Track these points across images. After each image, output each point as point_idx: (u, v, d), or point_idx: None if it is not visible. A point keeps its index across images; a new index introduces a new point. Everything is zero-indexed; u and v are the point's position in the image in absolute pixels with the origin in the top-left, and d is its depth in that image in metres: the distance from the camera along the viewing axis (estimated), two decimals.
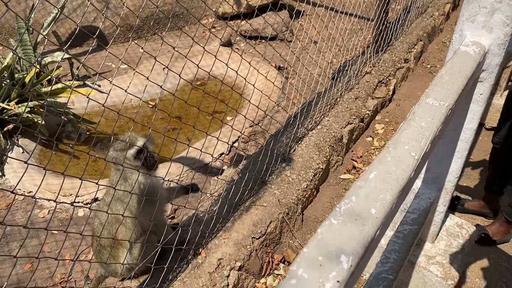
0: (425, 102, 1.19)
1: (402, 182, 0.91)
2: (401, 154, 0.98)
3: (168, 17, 4.35)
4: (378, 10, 3.67)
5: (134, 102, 3.64)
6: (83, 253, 2.31)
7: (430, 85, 1.27)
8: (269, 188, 2.57)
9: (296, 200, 2.56)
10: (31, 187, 2.65)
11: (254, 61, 3.58)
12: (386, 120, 3.52)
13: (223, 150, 2.96)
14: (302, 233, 2.56)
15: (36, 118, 2.85)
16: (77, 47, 4.14)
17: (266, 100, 2.99)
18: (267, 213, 2.41)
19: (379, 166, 0.94)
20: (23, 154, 2.89)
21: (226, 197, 2.41)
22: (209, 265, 2.09)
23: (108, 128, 3.38)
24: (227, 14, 4.57)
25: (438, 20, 4.92)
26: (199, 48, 3.98)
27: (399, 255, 1.61)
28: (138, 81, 3.58)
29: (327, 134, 2.98)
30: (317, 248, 0.75)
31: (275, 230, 2.40)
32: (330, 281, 0.70)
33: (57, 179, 2.69)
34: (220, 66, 3.73)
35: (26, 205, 2.63)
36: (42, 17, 4.01)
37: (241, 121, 3.06)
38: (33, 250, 2.32)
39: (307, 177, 2.69)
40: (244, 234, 2.27)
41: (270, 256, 2.34)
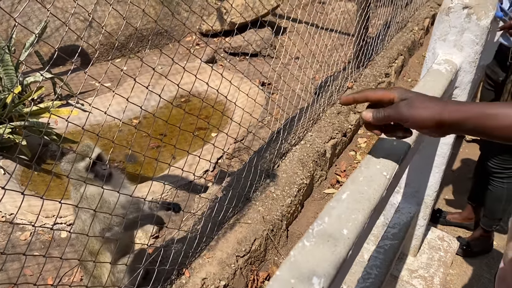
0: None
1: (374, 201, 0.93)
2: (372, 174, 0.99)
3: (148, 38, 4.37)
4: (358, 26, 3.74)
5: (117, 120, 3.63)
6: (65, 276, 2.28)
7: None
8: (253, 205, 2.57)
9: (281, 216, 2.57)
10: (12, 209, 2.61)
11: (238, 77, 3.62)
12: (369, 134, 3.57)
13: (207, 167, 2.96)
14: (287, 250, 2.56)
15: (18, 139, 2.82)
16: (60, 66, 4.13)
17: (249, 116, 3.01)
18: (251, 230, 2.41)
19: (351, 186, 0.96)
20: (4, 176, 2.86)
21: (210, 215, 2.41)
22: (193, 285, 2.07)
23: None
24: (211, 31, 4.61)
25: (418, 34, 5.03)
26: (184, 65, 4.00)
27: (380, 270, 1.62)
28: (122, 99, 3.58)
29: (310, 149, 3.01)
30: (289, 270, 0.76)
31: (259, 247, 2.39)
32: None
33: (39, 200, 2.66)
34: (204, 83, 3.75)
35: (7, 228, 2.59)
36: (24, 37, 4.00)
37: (225, 138, 3.07)
38: (15, 273, 2.28)
39: (292, 192, 2.70)
40: (228, 253, 2.26)
41: (255, 274, 2.34)
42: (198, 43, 4.65)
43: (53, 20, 4.11)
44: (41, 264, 2.35)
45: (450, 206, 2.95)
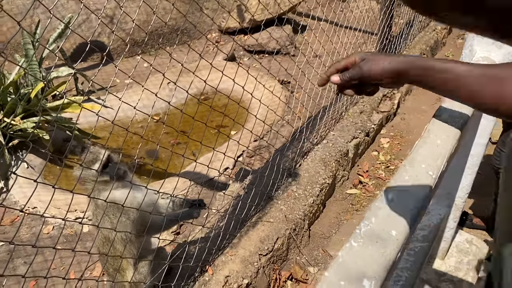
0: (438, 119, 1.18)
1: (422, 202, 0.90)
2: (418, 173, 0.96)
3: (176, 33, 4.38)
4: (382, 24, 3.68)
5: (138, 116, 3.64)
6: (88, 269, 2.29)
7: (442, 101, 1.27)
8: (275, 203, 2.54)
9: (303, 215, 2.54)
10: (36, 203, 2.63)
11: (259, 76, 3.59)
12: (391, 134, 3.51)
13: (228, 164, 2.94)
14: (309, 249, 2.53)
15: (41, 133, 2.84)
16: (82, 62, 4.16)
17: (271, 114, 2.99)
18: (273, 229, 2.39)
19: (397, 185, 0.93)
20: (27, 170, 2.88)
21: (233, 213, 2.39)
22: (216, 282, 2.06)
23: (113, 142, 3.37)
24: (230, 29, 4.60)
25: (440, 34, 4.94)
26: (203, 63, 3.99)
27: (411, 273, 1.58)
28: (144, 95, 3.58)
29: (332, 148, 2.97)
30: (338, 272, 0.74)
31: (282, 246, 2.37)
32: None
33: (61, 194, 2.67)
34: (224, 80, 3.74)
35: (30, 221, 2.61)
36: (47, 33, 4.03)
37: (246, 136, 3.05)
38: (38, 266, 2.30)
39: (314, 192, 2.67)
40: (251, 251, 2.24)
41: (277, 273, 2.31)
42: (218, 41, 4.64)
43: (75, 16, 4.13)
44: (63, 258, 2.37)
45: (474, 209, 2.89)
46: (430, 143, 1.06)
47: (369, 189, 2.94)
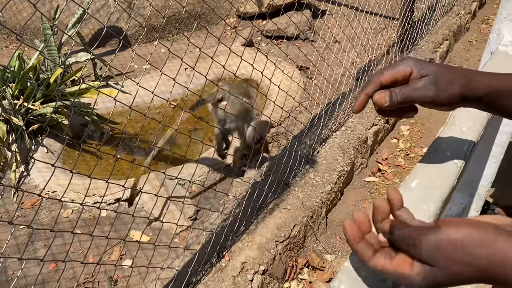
0: None
1: (446, 191, 0.86)
2: (443, 161, 0.93)
3: (194, 18, 4.35)
4: (403, 9, 3.58)
5: (155, 102, 3.64)
6: (106, 254, 2.32)
7: None
8: (292, 190, 2.52)
9: (320, 203, 2.51)
10: (55, 187, 2.67)
11: (277, 62, 3.54)
12: (412, 121, 3.44)
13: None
14: (326, 237, 2.51)
15: (60, 118, 2.87)
16: (100, 48, 4.17)
17: (288, 101, 2.95)
18: (290, 216, 2.37)
19: (420, 174, 0.89)
20: (47, 154, 2.92)
21: (249, 199, 2.38)
22: (232, 268, 2.06)
23: (130, 128, 3.39)
24: (248, 14, 4.54)
25: (464, 18, 4.79)
26: (221, 48, 3.96)
27: None
28: (161, 81, 3.58)
29: (351, 135, 2.92)
30: (359, 261, 0.71)
31: (299, 233, 2.35)
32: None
33: (80, 178, 2.70)
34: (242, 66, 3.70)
35: (50, 205, 2.65)
36: (66, 18, 4.05)
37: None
38: (57, 250, 2.33)
39: (331, 179, 2.64)
40: (267, 238, 2.23)
41: (294, 260, 2.30)
42: (235, 26, 4.59)
43: (93, 2, 4.13)
44: (82, 242, 2.40)
45: (497, 198, 2.81)
46: (456, 130, 1.02)
47: (388, 177, 2.89)
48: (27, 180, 2.76)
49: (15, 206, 2.59)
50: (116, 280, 2.17)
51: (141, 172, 2.50)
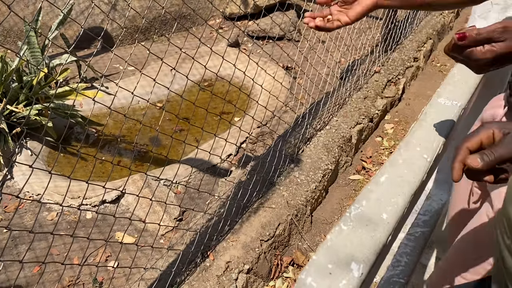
0: (436, 102, 1.15)
1: (414, 185, 0.89)
2: (413, 156, 0.95)
3: (175, 18, 4.34)
4: (387, 9, 3.61)
5: (141, 103, 3.63)
6: (91, 256, 2.31)
7: (442, 84, 1.24)
8: (277, 189, 2.54)
9: (305, 201, 2.53)
10: (39, 190, 2.65)
11: (262, 62, 3.56)
12: (396, 119, 3.48)
13: (230, 151, 2.94)
14: (311, 235, 2.53)
15: (44, 121, 2.85)
16: (85, 49, 4.15)
17: (273, 100, 2.97)
18: (275, 215, 2.39)
19: (390, 168, 0.91)
20: (31, 157, 2.90)
21: (234, 199, 2.39)
22: (217, 268, 2.07)
23: (116, 129, 3.38)
24: (234, 14, 4.55)
25: (447, 18, 4.85)
26: (206, 49, 3.96)
27: (410, 258, 1.58)
28: (146, 82, 3.58)
29: (335, 134, 2.95)
30: (326, 255, 0.73)
31: (283, 232, 2.37)
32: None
33: (65, 181, 2.69)
34: (228, 67, 3.71)
35: (34, 208, 2.63)
36: (50, 20, 4.02)
37: (248, 122, 3.04)
38: (42, 252, 2.32)
39: (316, 178, 2.66)
40: (252, 237, 2.24)
41: (279, 258, 2.32)
42: (221, 27, 4.60)
43: (78, 3, 4.11)
44: (67, 244, 2.39)
45: None
46: (426, 126, 1.04)
47: (372, 175, 2.92)
48: (11, 183, 2.74)
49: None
50: (101, 281, 2.16)
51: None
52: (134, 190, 2.52)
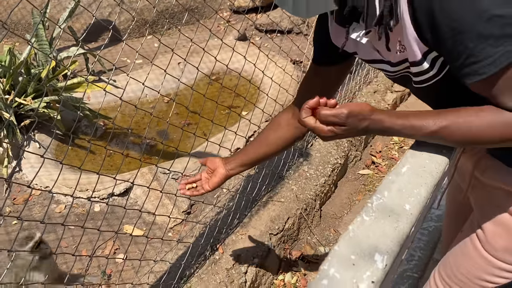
0: None
1: (437, 175, 0.86)
2: (434, 148, 0.92)
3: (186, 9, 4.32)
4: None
5: (149, 97, 3.62)
6: (99, 248, 2.30)
7: None
8: (286, 183, 2.52)
9: (314, 195, 2.51)
10: (48, 182, 2.65)
11: (270, 55, 3.53)
12: None
13: (239, 144, 2.92)
14: (321, 230, 2.51)
15: (52, 113, 2.84)
16: (92, 42, 4.14)
17: (282, 94, 2.94)
18: (284, 208, 2.37)
19: (411, 159, 0.89)
20: (39, 149, 2.90)
21: (243, 192, 2.37)
22: (226, 261, 2.05)
23: (124, 123, 3.37)
24: (242, 7, 4.52)
25: None
26: (214, 43, 3.95)
27: (424, 252, 1.55)
28: (154, 76, 3.56)
29: None
30: (349, 246, 0.71)
31: (293, 226, 2.35)
32: (364, 282, 0.66)
33: (74, 173, 2.68)
34: (235, 61, 3.68)
35: (43, 200, 2.63)
36: (57, 13, 4.01)
37: (256, 116, 3.02)
38: (51, 244, 2.31)
39: (325, 172, 2.64)
40: (261, 230, 2.23)
41: (288, 252, 2.30)
42: (229, 20, 4.57)
43: None
44: (75, 237, 2.38)
45: None
46: None
47: (382, 170, 2.90)
48: (19, 175, 2.74)
49: (7, 201, 2.58)
50: (110, 274, 2.16)
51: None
52: (142, 183, 2.51)
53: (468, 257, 1.12)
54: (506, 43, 0.74)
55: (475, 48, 0.77)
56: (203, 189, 1.36)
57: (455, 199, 1.35)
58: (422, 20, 0.82)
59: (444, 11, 0.77)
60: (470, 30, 0.76)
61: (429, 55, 0.88)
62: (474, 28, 0.76)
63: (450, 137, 0.84)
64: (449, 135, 0.84)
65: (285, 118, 1.32)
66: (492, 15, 0.73)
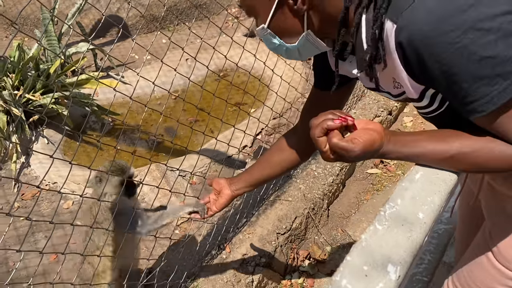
0: None
1: (451, 183, 0.85)
2: None
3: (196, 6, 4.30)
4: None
5: (156, 93, 3.62)
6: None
7: None
8: (294, 182, 2.51)
9: (322, 195, 2.50)
10: (55, 178, 2.66)
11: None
12: (415, 112, 3.41)
13: (247, 142, 2.91)
14: (328, 229, 2.49)
15: (61, 109, 2.85)
16: (101, 38, 4.14)
17: (290, 92, 2.92)
18: (292, 208, 2.36)
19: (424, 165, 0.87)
20: (48, 145, 2.91)
21: (251, 191, 2.36)
22: (233, 260, 2.05)
23: (131, 119, 3.37)
24: None
25: None
26: (221, 39, 3.92)
27: (434, 256, 1.54)
28: (161, 72, 3.55)
29: None
30: (361, 256, 0.70)
31: (300, 225, 2.34)
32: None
33: (81, 169, 2.69)
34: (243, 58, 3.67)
35: (51, 196, 2.64)
36: (66, 8, 4.01)
37: (264, 114, 3.00)
38: (58, 241, 2.33)
39: (333, 171, 2.62)
40: (268, 229, 2.22)
41: (295, 252, 2.29)
42: (237, 16, 4.55)
43: None
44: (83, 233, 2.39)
45: None
46: None
47: (391, 169, 2.87)
48: (28, 171, 2.75)
49: (16, 198, 2.59)
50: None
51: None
52: (150, 180, 2.51)
53: (481, 268, 1.11)
54: (500, 81, 0.73)
55: (469, 88, 0.76)
56: (211, 210, 1.43)
57: (467, 203, 1.33)
58: (413, 62, 0.80)
59: (433, 55, 0.76)
60: (462, 72, 0.75)
61: (427, 92, 0.87)
62: (466, 70, 0.74)
63: (459, 163, 0.82)
64: (459, 161, 0.81)
65: (290, 142, 1.31)
66: (482, 57, 0.72)
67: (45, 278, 2.14)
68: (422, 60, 0.77)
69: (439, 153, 0.82)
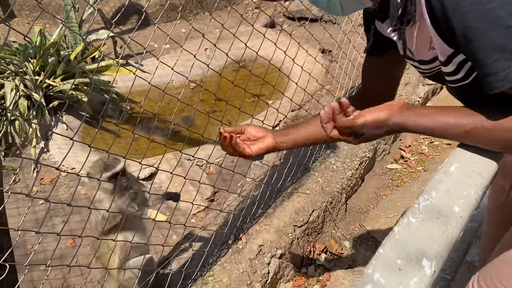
0: None
1: (487, 176, 0.81)
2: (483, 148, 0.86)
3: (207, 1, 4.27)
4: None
5: (175, 82, 3.61)
6: None
7: None
8: (312, 175, 2.47)
9: (340, 189, 2.46)
10: (74, 163, 2.67)
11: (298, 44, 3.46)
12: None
13: None
14: (345, 224, 2.46)
15: (80, 95, 2.86)
16: (120, 25, 4.13)
17: (310, 83, 2.88)
18: (309, 201, 2.33)
19: (460, 157, 0.83)
20: (67, 131, 2.92)
21: (268, 182, 2.34)
22: (249, 251, 2.03)
23: (149, 107, 3.36)
24: None
25: None
26: (241, 29, 3.88)
27: (457, 253, 1.49)
28: (180, 61, 3.54)
29: None
30: (394, 249, 0.66)
31: (317, 219, 2.31)
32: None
33: (98, 155, 2.70)
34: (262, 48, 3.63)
35: (69, 181, 2.66)
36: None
37: (284, 105, 2.96)
38: (76, 226, 2.34)
39: (353, 165, 2.58)
40: (285, 222, 2.20)
41: (311, 245, 2.27)
42: (257, 7, 4.50)
43: None
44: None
45: None
46: None
47: (411, 165, 2.81)
48: (47, 156, 2.78)
49: (35, 182, 2.61)
50: None
51: None
52: (167, 169, 2.50)
53: (508, 266, 1.06)
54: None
55: (486, 59, 0.72)
56: (246, 152, 1.18)
57: (496, 200, 1.29)
58: (440, 20, 0.76)
59: (457, 13, 0.72)
60: (482, 39, 0.71)
61: (455, 58, 0.83)
62: (486, 36, 0.70)
63: (479, 139, 0.81)
64: (477, 137, 0.80)
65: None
66: (509, 25, 0.67)
67: (62, 262, 2.15)
68: (447, 16, 0.74)
69: (454, 127, 0.83)
